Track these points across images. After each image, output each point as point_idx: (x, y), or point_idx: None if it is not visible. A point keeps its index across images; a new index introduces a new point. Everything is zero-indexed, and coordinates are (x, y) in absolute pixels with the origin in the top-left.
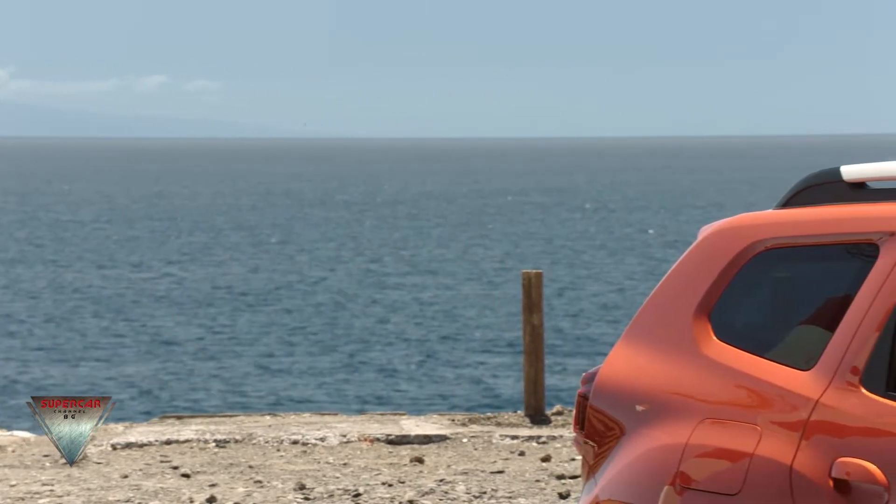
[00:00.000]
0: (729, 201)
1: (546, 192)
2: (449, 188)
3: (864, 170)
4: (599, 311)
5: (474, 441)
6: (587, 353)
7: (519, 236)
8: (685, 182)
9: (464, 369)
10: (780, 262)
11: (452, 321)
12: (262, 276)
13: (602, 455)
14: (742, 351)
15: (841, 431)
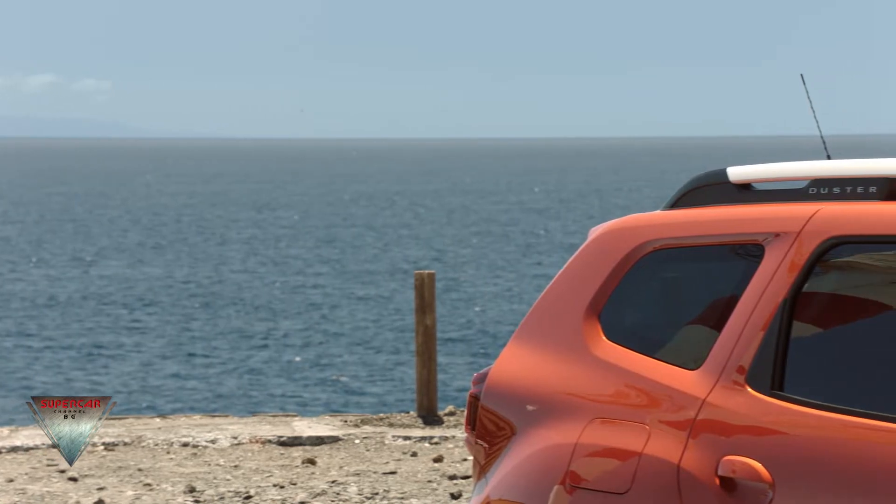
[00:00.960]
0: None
1: (442, 193)
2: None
3: (750, 171)
4: (492, 311)
5: (367, 442)
6: (480, 354)
7: (412, 237)
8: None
9: (356, 370)
10: (669, 262)
11: (344, 322)
12: (154, 278)
13: (493, 455)
14: (631, 351)
15: (727, 430)
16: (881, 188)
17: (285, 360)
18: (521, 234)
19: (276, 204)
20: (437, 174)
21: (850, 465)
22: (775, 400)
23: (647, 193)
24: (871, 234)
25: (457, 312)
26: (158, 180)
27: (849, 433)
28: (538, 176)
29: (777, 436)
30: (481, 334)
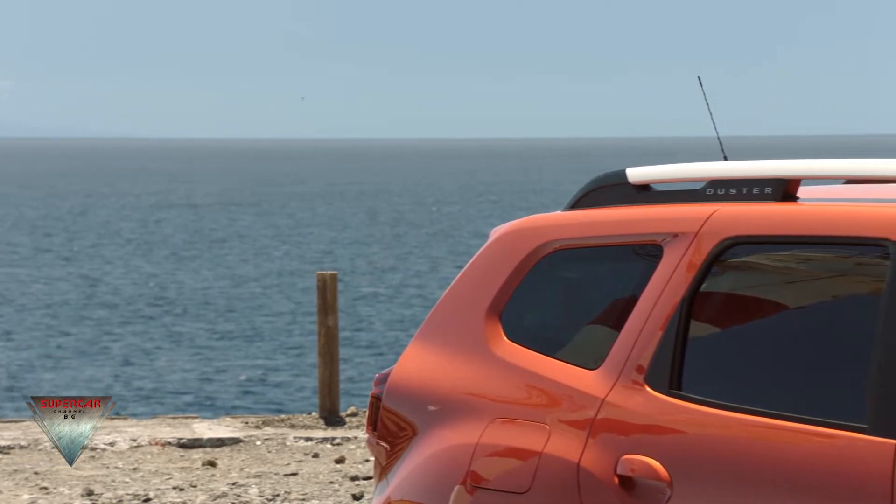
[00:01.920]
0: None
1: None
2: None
3: (649, 172)
4: (395, 312)
5: (268, 443)
6: (383, 355)
7: (314, 237)
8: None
9: (258, 371)
10: (569, 263)
11: (246, 323)
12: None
13: (395, 456)
14: (532, 351)
15: (626, 429)
16: (776, 189)
17: (185, 362)
18: (431, 234)
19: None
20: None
21: (747, 464)
22: (673, 399)
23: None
24: (767, 234)
25: (360, 313)
26: (53, 181)
27: (746, 431)
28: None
29: (675, 434)
30: (384, 335)
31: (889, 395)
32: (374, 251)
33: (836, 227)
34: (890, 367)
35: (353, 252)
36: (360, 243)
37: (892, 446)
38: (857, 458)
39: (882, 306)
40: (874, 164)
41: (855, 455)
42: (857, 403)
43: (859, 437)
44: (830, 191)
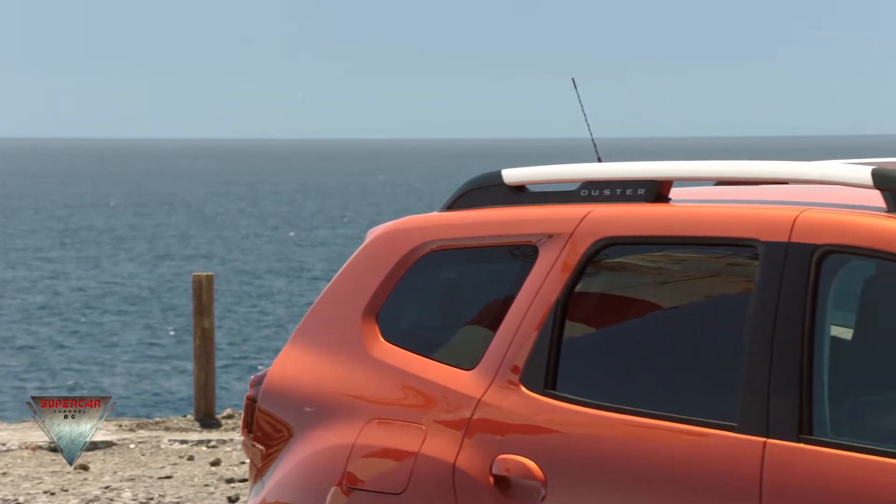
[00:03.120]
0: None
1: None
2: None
3: (524, 173)
4: (271, 313)
5: (142, 446)
6: (259, 356)
7: (191, 238)
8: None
9: (132, 374)
10: (446, 263)
11: (121, 324)
12: None
13: (270, 457)
14: (409, 352)
15: (502, 429)
16: (649, 190)
17: (57, 363)
18: (313, 235)
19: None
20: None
21: (621, 462)
22: (548, 399)
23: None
24: (640, 235)
25: (236, 315)
26: None
27: (619, 431)
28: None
29: (550, 434)
30: (260, 337)
31: (757, 394)
32: (253, 253)
33: (708, 227)
34: (757, 365)
35: (230, 253)
36: (239, 245)
37: (761, 444)
38: (728, 456)
39: (751, 306)
40: (744, 166)
41: (725, 453)
42: (727, 402)
43: (729, 435)
44: (702, 192)
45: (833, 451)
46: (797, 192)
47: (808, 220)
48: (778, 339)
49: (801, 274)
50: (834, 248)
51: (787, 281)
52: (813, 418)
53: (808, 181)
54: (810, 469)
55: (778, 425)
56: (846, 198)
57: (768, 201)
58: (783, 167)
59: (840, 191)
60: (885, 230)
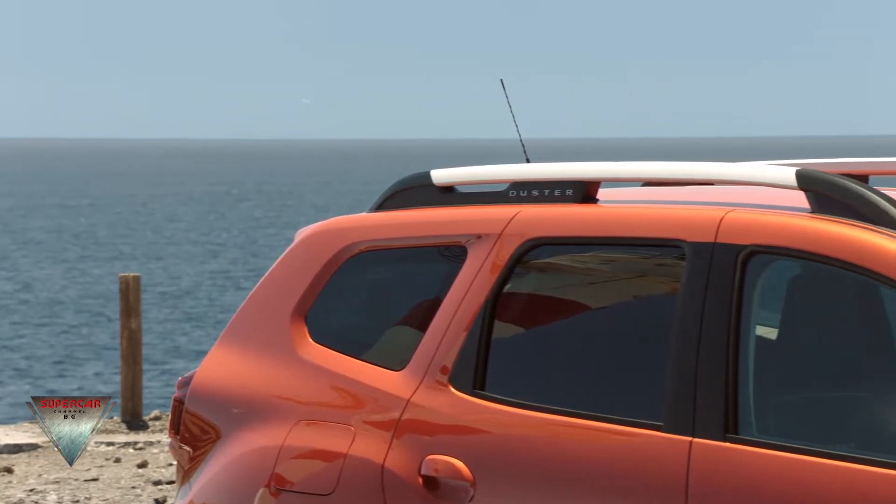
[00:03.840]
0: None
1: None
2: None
3: (453, 174)
4: (199, 314)
5: None
6: (188, 358)
7: (119, 239)
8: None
9: (57, 375)
10: (375, 264)
11: (45, 325)
12: None
13: (198, 459)
14: (337, 353)
15: (431, 430)
16: (577, 191)
17: None
18: (244, 236)
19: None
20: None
21: (549, 462)
22: (477, 399)
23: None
24: (568, 235)
25: (164, 316)
26: None
27: (548, 430)
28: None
29: (478, 434)
30: (188, 338)
31: (683, 394)
32: (181, 254)
33: (635, 228)
34: (684, 365)
35: (159, 254)
36: (168, 246)
37: (687, 443)
38: (654, 455)
39: (678, 306)
40: (670, 167)
41: (652, 452)
42: (654, 402)
43: (656, 434)
44: (630, 193)
45: (758, 449)
46: (724, 193)
47: (734, 220)
48: (704, 339)
49: (727, 274)
50: (759, 249)
51: (714, 281)
52: (739, 417)
53: (734, 182)
54: (736, 468)
55: (704, 424)
56: (772, 199)
57: (695, 202)
58: (709, 168)
59: (766, 192)
60: (808, 230)
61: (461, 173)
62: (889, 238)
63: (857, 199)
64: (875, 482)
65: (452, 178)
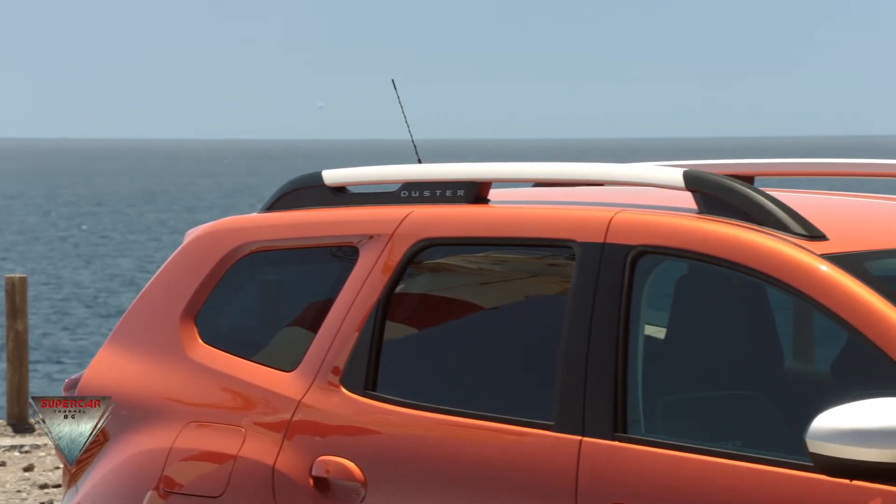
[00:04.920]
0: None
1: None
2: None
3: (344, 174)
4: (87, 316)
5: None
6: (75, 360)
7: (7, 240)
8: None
9: None
10: (266, 265)
11: None
12: None
13: (85, 462)
14: (228, 354)
15: (322, 431)
16: (468, 191)
17: None
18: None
19: None
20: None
21: (440, 462)
22: (368, 400)
23: None
24: (460, 236)
25: (51, 317)
26: None
27: (439, 431)
28: None
29: (370, 435)
30: (76, 339)
31: (573, 393)
32: (69, 255)
33: (526, 228)
34: (573, 365)
35: (46, 255)
36: (56, 247)
37: (577, 442)
38: (545, 454)
39: (568, 306)
40: (560, 168)
41: (542, 452)
42: (544, 402)
43: (547, 434)
44: (521, 193)
45: (647, 448)
46: (614, 194)
47: (623, 221)
48: (594, 339)
49: (616, 274)
50: (647, 249)
51: (603, 281)
52: (627, 417)
53: (624, 183)
54: (624, 466)
55: (593, 424)
56: (660, 199)
57: (585, 203)
58: (599, 169)
59: (655, 192)
60: (695, 231)
61: (352, 174)
62: (774, 238)
63: (742, 199)
64: (760, 480)
65: (344, 178)
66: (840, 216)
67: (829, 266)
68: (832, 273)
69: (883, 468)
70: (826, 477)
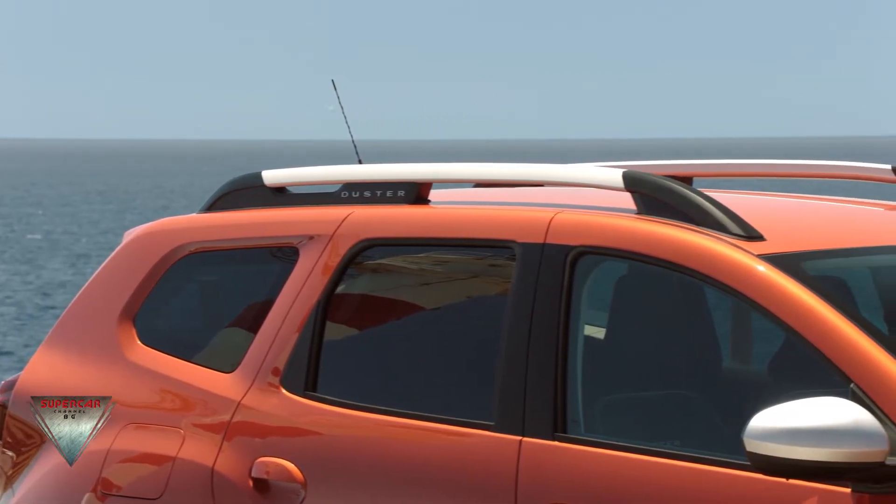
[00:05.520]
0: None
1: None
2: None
3: (285, 175)
4: (22, 317)
5: None
6: (12, 361)
7: None
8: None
9: None
10: (206, 266)
11: None
12: None
13: (21, 465)
14: (167, 355)
15: (262, 432)
16: (409, 192)
17: None
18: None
19: None
20: None
21: (380, 463)
22: (309, 401)
23: None
24: (400, 236)
25: None
26: None
27: (379, 431)
28: None
29: (310, 436)
30: (12, 341)
31: (513, 393)
32: (3, 255)
33: (466, 229)
34: (514, 365)
35: None
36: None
37: (517, 442)
38: (485, 454)
39: (508, 307)
40: (501, 168)
41: (483, 452)
42: (485, 402)
43: (487, 434)
44: (462, 194)
45: (586, 448)
46: (555, 195)
47: (563, 221)
48: (534, 340)
49: (556, 275)
50: (587, 249)
51: (543, 282)
52: (567, 417)
53: (564, 183)
54: (564, 466)
55: (534, 424)
56: (600, 200)
57: (526, 203)
58: (539, 170)
59: (595, 193)
60: (634, 231)
61: (292, 174)
62: (711, 239)
63: (681, 200)
64: (699, 479)
65: (284, 178)
66: (777, 217)
67: (767, 266)
68: (769, 273)
69: (819, 467)
70: (763, 476)
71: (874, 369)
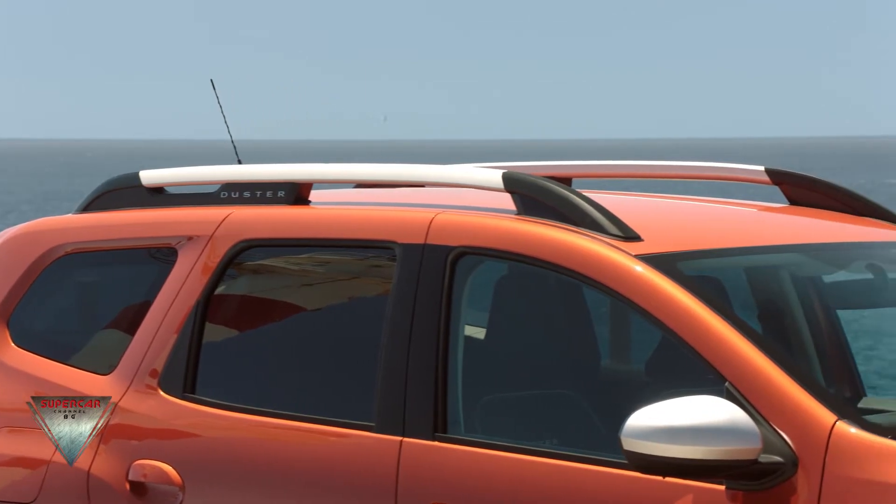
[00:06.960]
0: None
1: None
2: None
3: (162, 175)
4: None
5: None
6: None
7: None
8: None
9: None
10: (83, 267)
11: None
12: None
13: None
14: (42, 357)
15: (139, 434)
16: (289, 193)
17: None
18: None
19: None
20: None
21: (260, 465)
22: (187, 402)
23: None
24: (280, 237)
25: None
26: None
27: (259, 433)
28: None
29: (188, 438)
30: None
31: (394, 394)
32: None
33: (347, 230)
34: (394, 365)
35: None
36: None
37: (397, 443)
38: (366, 455)
39: (389, 307)
40: (382, 169)
41: (363, 453)
42: (366, 403)
43: (367, 434)
44: (343, 195)
45: (466, 448)
46: (436, 195)
47: (444, 222)
48: (414, 340)
49: (437, 275)
50: (468, 250)
51: (424, 282)
52: (447, 417)
53: (444, 184)
54: (444, 466)
55: (414, 424)
56: (481, 201)
57: (407, 204)
58: (420, 170)
59: (476, 194)
60: (514, 232)
61: (170, 174)
62: (589, 239)
63: (559, 201)
64: (578, 478)
65: (162, 178)
66: (655, 217)
67: (644, 266)
68: (646, 273)
69: (693, 465)
70: (640, 474)
71: (748, 368)
